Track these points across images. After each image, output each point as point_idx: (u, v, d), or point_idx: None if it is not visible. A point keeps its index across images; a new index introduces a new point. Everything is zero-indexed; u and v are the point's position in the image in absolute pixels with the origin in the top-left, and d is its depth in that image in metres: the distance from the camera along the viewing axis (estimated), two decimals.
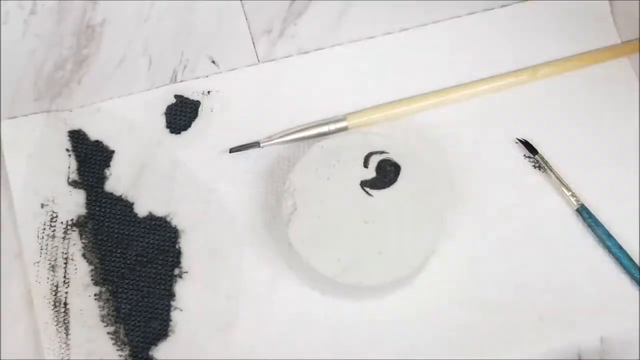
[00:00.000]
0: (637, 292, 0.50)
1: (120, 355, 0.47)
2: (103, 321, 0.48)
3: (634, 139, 0.53)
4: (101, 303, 0.48)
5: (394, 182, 0.49)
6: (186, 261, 0.50)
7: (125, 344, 0.48)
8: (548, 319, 0.50)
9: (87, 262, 0.49)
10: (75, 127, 0.51)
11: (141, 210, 0.50)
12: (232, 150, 0.51)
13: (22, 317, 0.48)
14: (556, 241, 0.51)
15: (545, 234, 0.51)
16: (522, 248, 0.51)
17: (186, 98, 0.53)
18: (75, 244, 0.49)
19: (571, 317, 0.50)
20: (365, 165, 0.49)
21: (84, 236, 0.50)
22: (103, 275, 0.49)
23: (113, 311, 0.48)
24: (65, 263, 0.49)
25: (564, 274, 0.51)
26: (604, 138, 0.53)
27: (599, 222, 0.51)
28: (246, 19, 0.55)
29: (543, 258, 0.51)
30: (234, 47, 0.54)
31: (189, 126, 0.52)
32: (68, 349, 0.47)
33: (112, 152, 0.51)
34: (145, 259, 0.49)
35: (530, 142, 0.52)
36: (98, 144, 0.51)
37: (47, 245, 0.49)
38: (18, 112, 0.52)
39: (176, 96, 0.53)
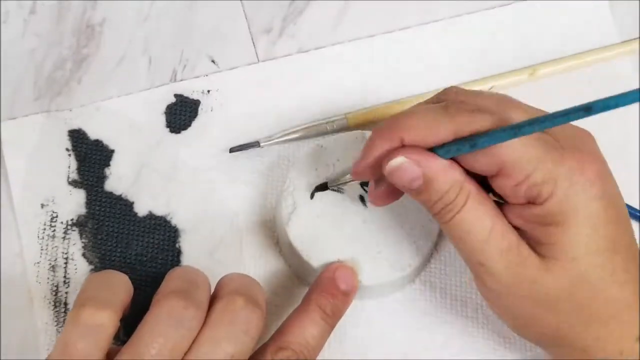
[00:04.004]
0: None
1: None
2: None
3: (634, 139, 0.53)
4: None
5: None
6: (186, 261, 0.50)
7: (125, 344, 0.48)
8: None
9: (87, 261, 0.49)
10: (75, 127, 0.51)
11: (141, 209, 0.50)
12: (232, 150, 0.51)
13: (22, 317, 0.48)
14: None
15: None
16: None
17: (186, 97, 0.53)
18: (75, 244, 0.49)
19: None
20: None
21: (84, 236, 0.50)
22: None
23: None
24: (66, 263, 0.49)
25: None
26: (603, 138, 0.53)
27: None
28: (246, 18, 0.55)
29: None
30: (234, 46, 0.54)
31: (189, 125, 0.52)
32: None
33: (112, 151, 0.51)
34: (145, 259, 0.49)
35: None
36: (98, 143, 0.51)
37: (47, 245, 0.49)
38: (18, 112, 0.52)
39: (176, 95, 0.53)
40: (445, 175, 0.39)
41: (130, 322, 0.48)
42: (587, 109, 0.35)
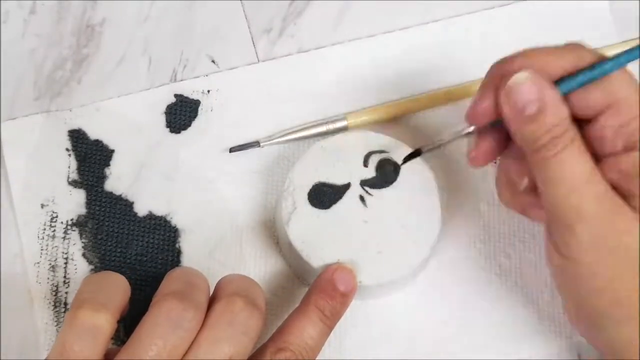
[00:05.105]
0: None
1: None
2: None
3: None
4: None
5: (394, 181, 0.49)
6: (186, 261, 0.50)
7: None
8: (547, 318, 0.50)
9: (87, 261, 0.49)
10: (75, 127, 0.52)
11: (141, 209, 0.50)
12: (232, 150, 0.51)
13: (22, 317, 0.48)
14: None
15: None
16: (522, 247, 0.51)
17: (186, 97, 0.53)
18: (75, 244, 0.49)
19: None
20: (365, 164, 0.49)
21: (84, 236, 0.50)
22: None
23: None
24: (66, 263, 0.49)
25: None
26: None
27: None
28: (246, 18, 0.55)
29: (543, 257, 0.51)
30: (234, 46, 0.54)
31: (189, 125, 0.52)
32: None
33: (112, 151, 0.51)
34: (145, 259, 0.50)
35: None
36: (98, 143, 0.51)
37: (47, 245, 0.49)
38: (18, 112, 0.52)
39: (176, 95, 0.53)
40: (559, 107, 0.40)
41: (131, 322, 0.48)
42: None
